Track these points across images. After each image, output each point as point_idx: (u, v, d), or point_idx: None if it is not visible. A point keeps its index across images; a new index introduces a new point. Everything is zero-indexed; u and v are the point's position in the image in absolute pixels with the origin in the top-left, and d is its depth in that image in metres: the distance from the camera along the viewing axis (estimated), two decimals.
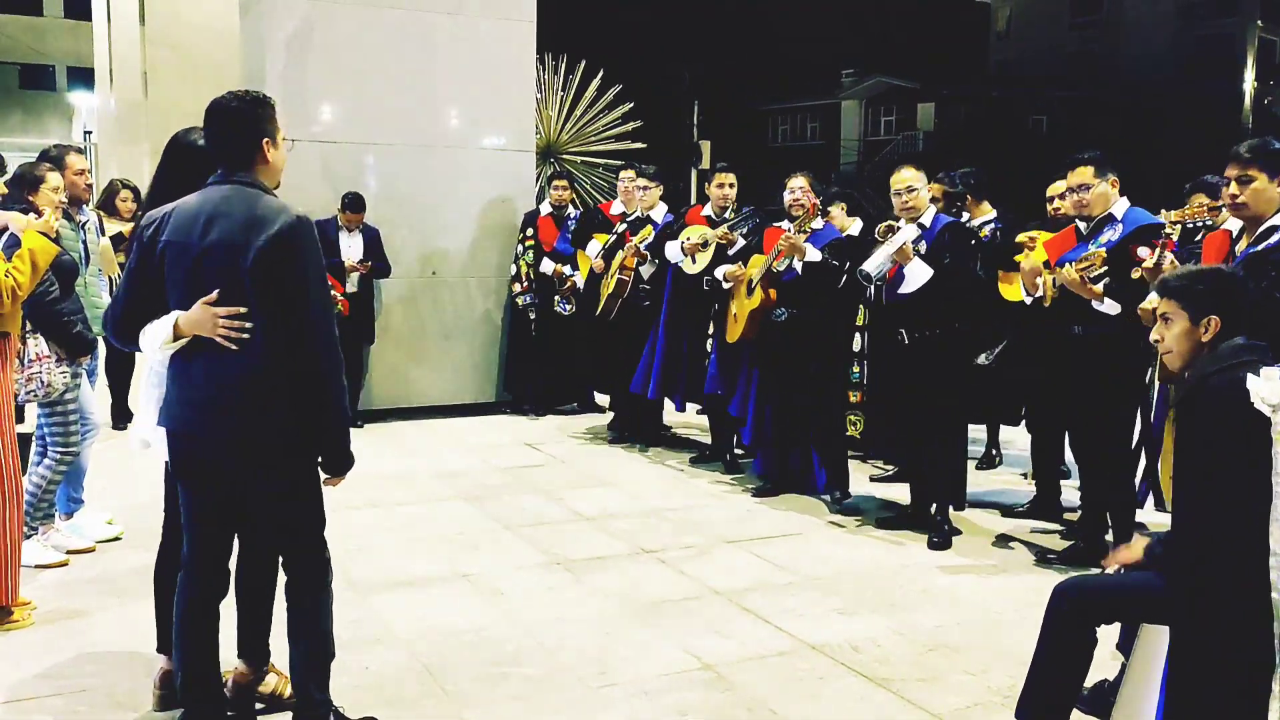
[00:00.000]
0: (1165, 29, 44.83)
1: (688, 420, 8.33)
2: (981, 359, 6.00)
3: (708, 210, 7.07)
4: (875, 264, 5.43)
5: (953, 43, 47.86)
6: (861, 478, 6.78)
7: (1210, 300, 3.08)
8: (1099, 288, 4.79)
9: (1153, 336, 3.20)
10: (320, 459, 3.23)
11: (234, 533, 3.34)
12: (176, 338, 3.09)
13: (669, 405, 7.75)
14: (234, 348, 3.05)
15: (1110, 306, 4.80)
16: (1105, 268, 4.78)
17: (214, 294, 3.05)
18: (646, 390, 7.38)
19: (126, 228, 7.27)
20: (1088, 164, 5.05)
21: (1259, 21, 43.78)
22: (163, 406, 3.22)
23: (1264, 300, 3.83)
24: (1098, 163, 5.03)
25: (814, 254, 6.00)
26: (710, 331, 7.05)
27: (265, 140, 3.20)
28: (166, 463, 3.35)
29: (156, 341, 3.11)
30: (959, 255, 5.44)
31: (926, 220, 5.52)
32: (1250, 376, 2.82)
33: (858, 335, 5.84)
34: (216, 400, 3.10)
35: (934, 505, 5.63)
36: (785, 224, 6.17)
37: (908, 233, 5.44)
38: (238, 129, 3.19)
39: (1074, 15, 47.91)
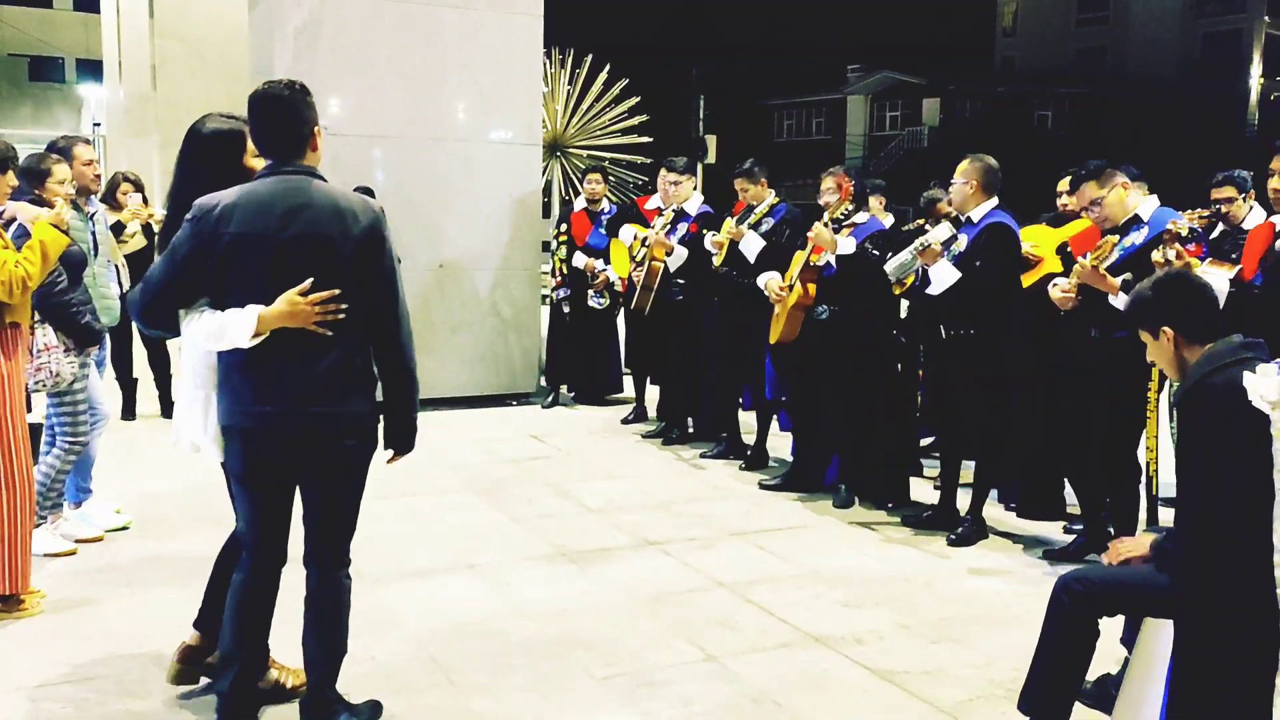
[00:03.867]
0: (1172, 25, 44.77)
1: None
2: None
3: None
4: (895, 263, 5.42)
5: (959, 39, 47.80)
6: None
7: (1155, 313, 3.13)
8: (1116, 281, 4.71)
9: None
10: (391, 437, 3.32)
11: (290, 523, 3.35)
12: (256, 334, 3.05)
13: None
14: (329, 334, 3.08)
15: (1122, 301, 4.76)
16: (1117, 254, 4.74)
17: (306, 284, 3.04)
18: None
19: (125, 215, 7.28)
20: (1089, 179, 5.00)
21: (1266, 17, 43.67)
22: (231, 405, 3.16)
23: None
24: (1099, 175, 4.96)
25: (847, 246, 5.84)
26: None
27: (315, 128, 3.22)
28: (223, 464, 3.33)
29: (241, 337, 3.04)
30: (990, 259, 5.29)
31: (976, 216, 5.40)
32: (1247, 374, 2.84)
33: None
34: (313, 389, 3.10)
35: (969, 503, 5.57)
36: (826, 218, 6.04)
37: (938, 233, 5.34)
38: (291, 117, 3.18)
39: (1080, 11, 47.85)
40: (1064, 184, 6.11)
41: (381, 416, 3.29)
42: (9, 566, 4.22)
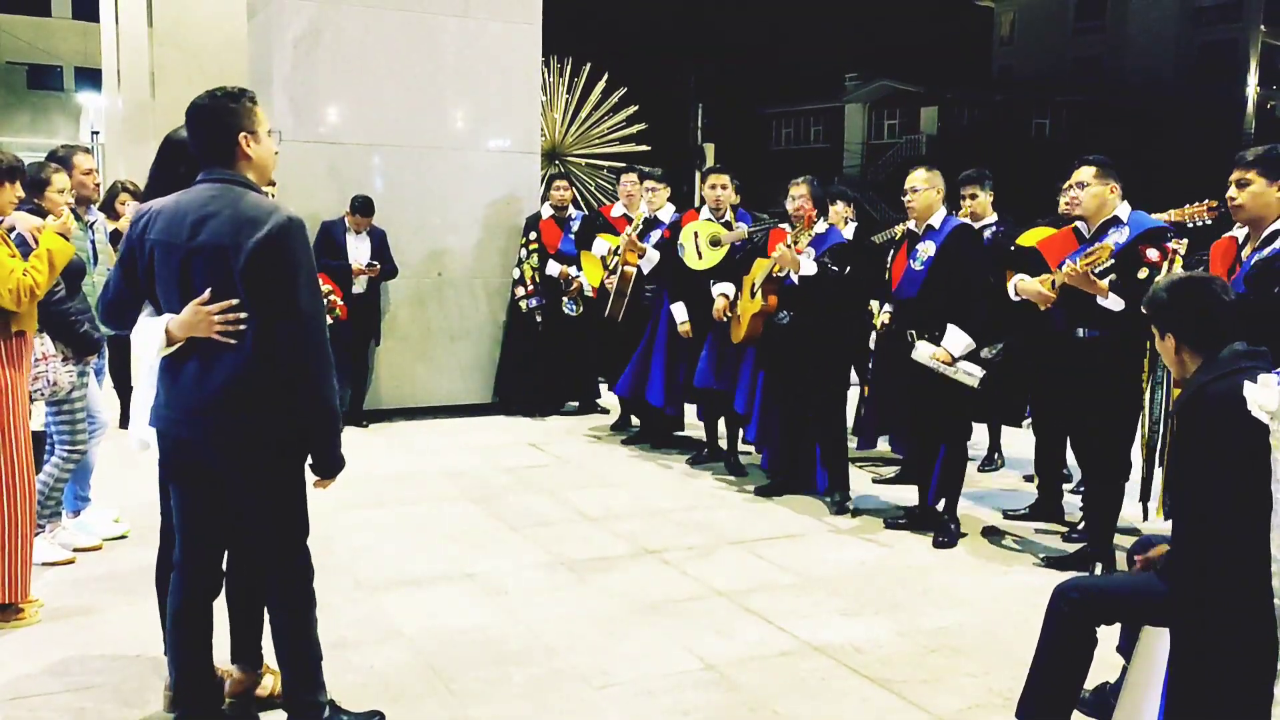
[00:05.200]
0: (1169, 34, 44.86)
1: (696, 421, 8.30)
2: (985, 353, 5.98)
3: (705, 214, 7.06)
4: (921, 357, 5.46)
5: (957, 47, 47.92)
6: (863, 478, 6.81)
7: (1164, 317, 3.15)
8: (1104, 283, 4.79)
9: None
10: (310, 460, 3.23)
11: (224, 534, 3.33)
12: (170, 343, 3.09)
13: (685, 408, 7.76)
14: (232, 342, 3.05)
15: (1114, 302, 4.80)
16: (1111, 260, 4.80)
17: (205, 294, 3.05)
18: (652, 396, 7.42)
19: (122, 224, 7.29)
20: (1090, 164, 5.06)
21: (1262, 27, 43.77)
22: (152, 407, 3.23)
23: (1272, 306, 3.85)
24: (1101, 165, 5.03)
25: (809, 268, 5.98)
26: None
27: (243, 135, 3.17)
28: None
29: (151, 346, 3.12)
30: (969, 258, 5.47)
31: (935, 222, 5.56)
32: (1247, 384, 2.82)
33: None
34: (205, 402, 3.09)
35: (941, 504, 5.66)
36: (788, 226, 6.19)
37: (964, 376, 5.37)
38: (213, 126, 3.17)
39: (1078, 20, 47.97)
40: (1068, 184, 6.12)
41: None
42: (9, 575, 4.23)
